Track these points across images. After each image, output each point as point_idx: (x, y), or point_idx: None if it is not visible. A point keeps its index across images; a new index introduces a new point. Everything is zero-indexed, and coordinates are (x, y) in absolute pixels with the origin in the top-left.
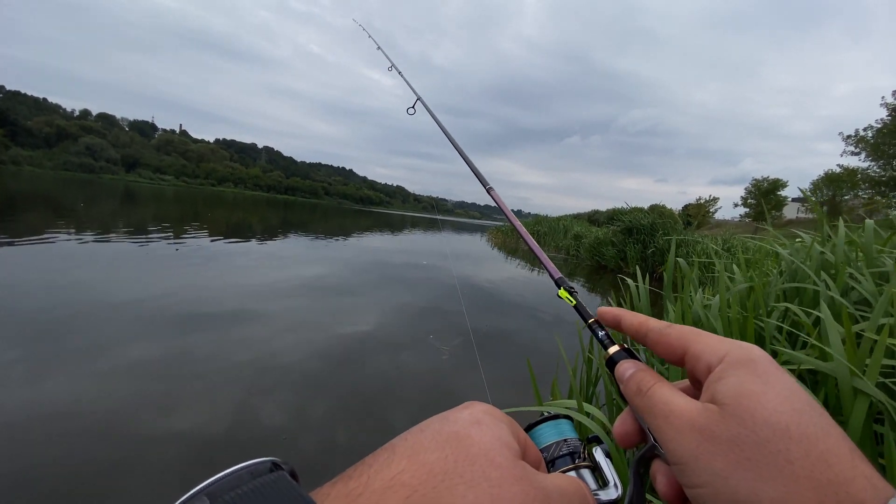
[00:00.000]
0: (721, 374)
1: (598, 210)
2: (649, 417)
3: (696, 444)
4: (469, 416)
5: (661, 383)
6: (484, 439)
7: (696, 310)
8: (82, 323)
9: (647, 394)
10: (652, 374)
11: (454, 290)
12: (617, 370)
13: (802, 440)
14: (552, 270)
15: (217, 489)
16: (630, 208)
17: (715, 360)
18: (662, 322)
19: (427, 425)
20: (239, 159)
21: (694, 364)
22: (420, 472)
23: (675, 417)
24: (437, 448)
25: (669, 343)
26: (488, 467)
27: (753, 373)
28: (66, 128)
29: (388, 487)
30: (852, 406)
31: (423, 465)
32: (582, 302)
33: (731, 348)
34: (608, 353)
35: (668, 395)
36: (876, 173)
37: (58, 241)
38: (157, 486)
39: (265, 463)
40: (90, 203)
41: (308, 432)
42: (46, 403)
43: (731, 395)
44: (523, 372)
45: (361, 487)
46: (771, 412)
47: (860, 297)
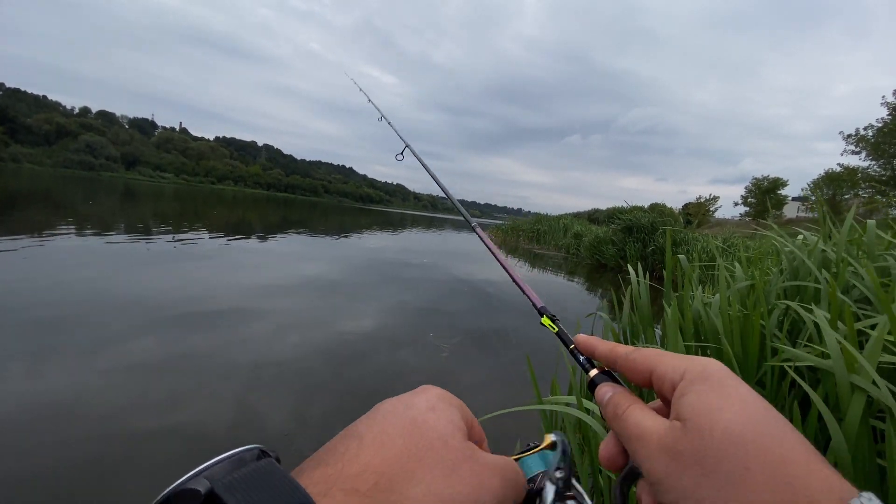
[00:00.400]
0: (682, 390)
1: (598, 209)
2: (626, 440)
3: (666, 462)
4: (425, 402)
5: (635, 405)
6: (439, 424)
7: (697, 307)
8: (82, 320)
9: (622, 417)
10: (628, 396)
11: (454, 288)
12: (597, 394)
13: (757, 447)
14: (535, 300)
15: (214, 472)
16: (630, 207)
17: (677, 378)
18: (629, 347)
19: (390, 411)
20: (239, 157)
21: (660, 385)
22: (386, 459)
23: (646, 438)
24: (399, 435)
25: (636, 367)
26: (443, 450)
27: (710, 387)
28: (65, 125)
29: (359, 474)
30: (849, 402)
31: (388, 452)
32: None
33: (689, 365)
34: (589, 377)
35: (640, 417)
36: (876, 172)
37: (58, 238)
38: (157, 484)
39: (253, 450)
40: (92, 201)
41: (308, 430)
42: (46, 401)
43: (691, 410)
44: (523, 369)
45: (337, 474)
46: (727, 423)
47: (861, 296)
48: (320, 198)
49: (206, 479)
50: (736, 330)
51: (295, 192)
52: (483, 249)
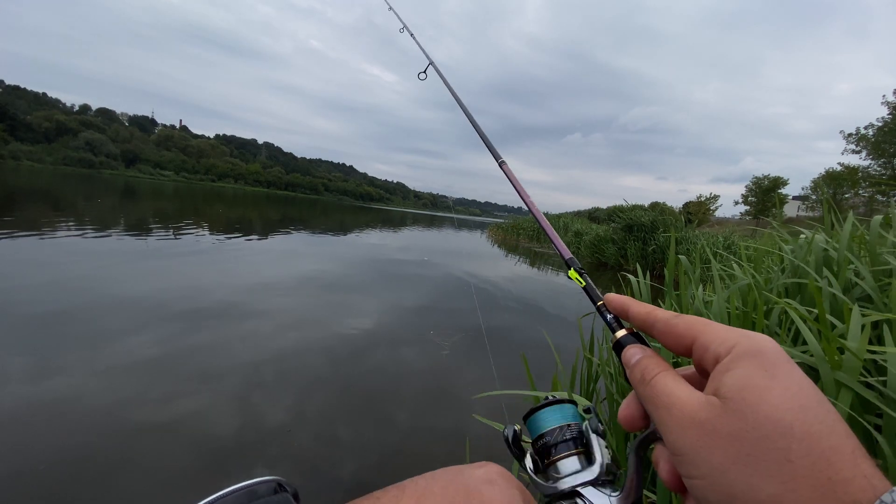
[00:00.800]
0: (728, 365)
1: (598, 207)
2: (651, 407)
3: (696, 437)
4: (483, 475)
5: (666, 372)
6: (494, 499)
7: (697, 307)
8: (82, 318)
9: (650, 382)
10: (658, 361)
11: (454, 286)
12: (624, 355)
13: (805, 438)
14: (563, 250)
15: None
16: (630, 206)
17: (723, 351)
18: (670, 312)
19: (439, 474)
20: (239, 155)
21: (702, 354)
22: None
23: (676, 409)
24: (446, 497)
25: (677, 333)
26: None
27: (761, 366)
28: (65, 123)
29: None
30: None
31: None
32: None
33: (741, 339)
34: (616, 337)
35: (672, 386)
36: (877, 171)
37: (59, 235)
38: (158, 483)
39: (269, 483)
40: (100, 199)
41: (308, 426)
42: (45, 398)
43: (735, 388)
44: (524, 368)
45: None
46: (774, 408)
47: (863, 293)
48: (321, 196)
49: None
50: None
51: (295, 191)
52: (484, 247)
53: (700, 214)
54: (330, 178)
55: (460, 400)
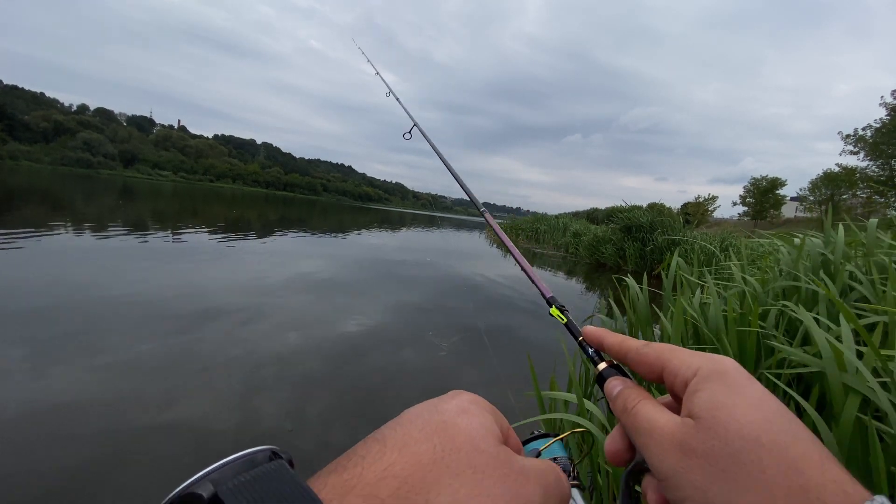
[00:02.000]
0: (695, 387)
1: (596, 208)
2: (635, 435)
3: (677, 458)
4: (456, 406)
5: (646, 400)
6: (470, 427)
7: (695, 308)
8: (82, 317)
9: (631, 411)
10: (637, 391)
11: (453, 286)
12: (605, 388)
13: (773, 448)
14: (544, 290)
15: (220, 476)
16: (629, 206)
17: (689, 375)
18: (640, 341)
19: (416, 415)
20: (237, 155)
21: (672, 380)
22: (410, 463)
23: (656, 434)
24: (426, 439)
25: (647, 362)
26: (473, 454)
27: (724, 384)
28: (63, 123)
29: (380, 479)
30: (843, 402)
31: (412, 456)
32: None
33: (703, 362)
34: (597, 370)
35: (651, 412)
36: (874, 173)
37: (58, 235)
38: (158, 481)
39: (265, 451)
40: (90, 198)
41: (308, 426)
42: (46, 398)
43: (704, 408)
44: (522, 367)
45: (356, 479)
46: (742, 423)
47: (860, 296)
48: (319, 196)
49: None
50: (732, 332)
51: (294, 191)
52: (482, 249)
53: (698, 215)
54: (329, 178)
55: None
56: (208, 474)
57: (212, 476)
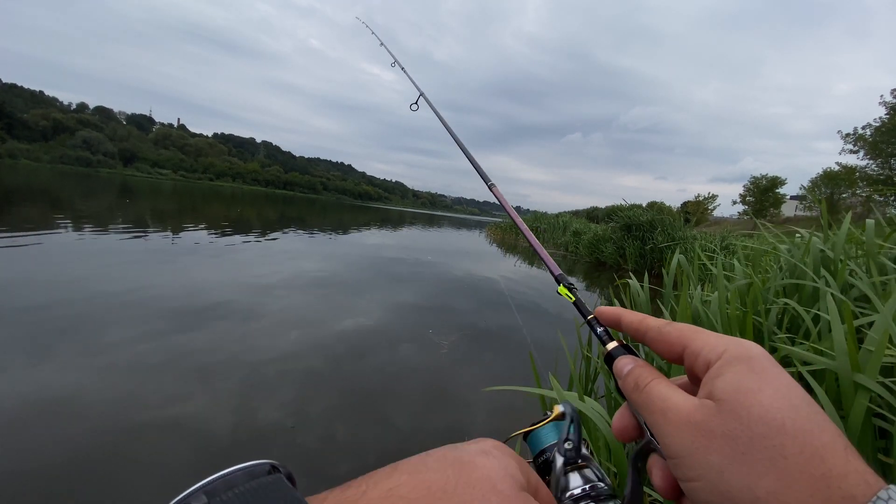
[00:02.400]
0: (719, 370)
1: (596, 207)
2: (646, 413)
3: (692, 439)
4: (477, 448)
5: (659, 379)
6: (489, 467)
7: (696, 306)
8: (81, 316)
9: (644, 390)
10: (650, 369)
11: (453, 285)
12: (615, 366)
13: (798, 436)
14: (552, 267)
15: (214, 488)
16: (629, 205)
17: (713, 357)
18: (661, 320)
19: (434, 451)
20: (237, 153)
21: (693, 361)
22: (418, 488)
23: (671, 413)
24: (440, 469)
25: (669, 341)
26: (488, 493)
27: (750, 369)
28: (63, 121)
29: (384, 498)
30: (853, 401)
31: (422, 483)
32: (581, 298)
33: (729, 345)
34: (606, 349)
35: (666, 392)
36: (874, 171)
37: (58, 234)
38: (158, 482)
39: (263, 465)
40: (89, 197)
41: (308, 426)
42: (45, 396)
43: (728, 391)
44: (522, 364)
45: (357, 496)
46: (767, 408)
47: (860, 294)
48: (319, 195)
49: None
50: (735, 328)
51: (293, 189)
52: (482, 246)
53: (698, 214)
54: (328, 176)
55: (459, 398)
56: (203, 487)
57: (207, 488)
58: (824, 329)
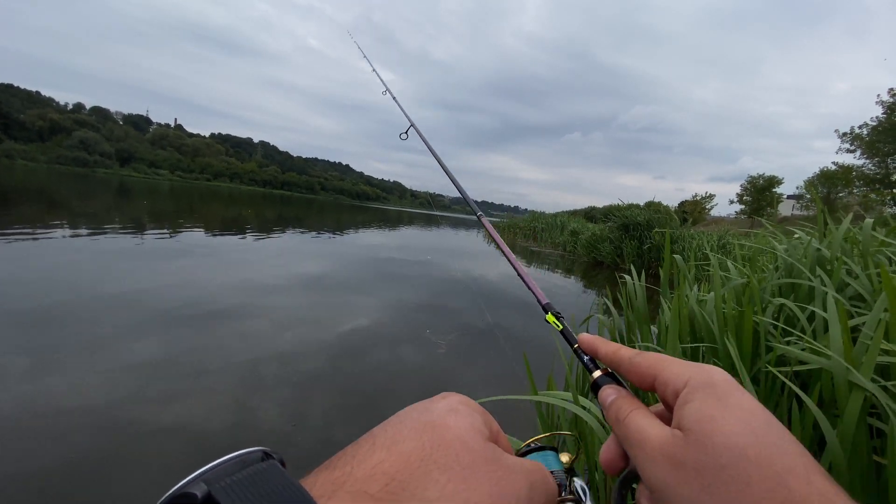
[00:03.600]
0: (685, 398)
1: (594, 206)
2: (626, 444)
3: (667, 471)
4: (445, 406)
5: (637, 410)
6: (458, 426)
7: (692, 306)
8: (80, 318)
9: (623, 422)
10: (630, 400)
11: (450, 285)
12: (599, 396)
13: (759, 461)
14: (539, 296)
15: (213, 476)
16: (626, 205)
17: (680, 386)
18: (633, 350)
19: (406, 415)
20: (234, 153)
21: (663, 390)
22: (398, 461)
23: (647, 445)
24: (415, 437)
25: (639, 372)
26: (461, 450)
27: (713, 395)
28: (59, 121)
29: (370, 476)
30: (847, 400)
31: (401, 455)
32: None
33: (693, 373)
34: (592, 378)
35: (643, 423)
36: (871, 170)
37: (54, 235)
38: (156, 483)
39: (256, 452)
40: (85, 197)
41: (307, 426)
42: (43, 398)
43: (692, 420)
44: (519, 364)
45: (345, 476)
46: (728, 435)
47: (855, 293)
48: (317, 195)
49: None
50: (731, 327)
51: (291, 189)
52: (481, 248)
53: (695, 213)
54: (326, 176)
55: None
56: (202, 475)
57: (205, 476)
58: (818, 328)
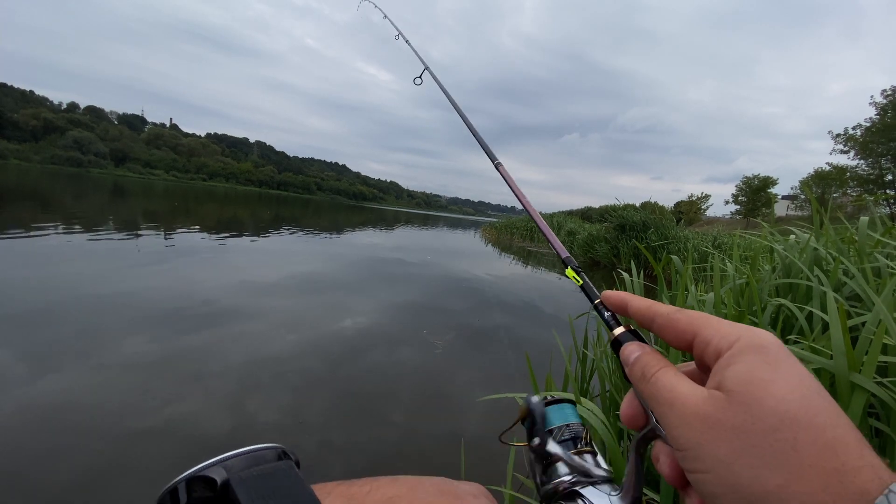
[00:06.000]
0: (730, 360)
1: (590, 207)
2: (654, 404)
3: (700, 431)
4: (470, 489)
5: (667, 368)
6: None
7: (691, 304)
8: (73, 319)
9: (651, 379)
10: (657, 357)
11: (448, 285)
12: (622, 352)
13: (810, 428)
14: (560, 250)
15: (233, 464)
16: (622, 205)
17: (725, 346)
18: (671, 307)
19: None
20: (230, 154)
21: (703, 349)
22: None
23: (679, 404)
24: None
25: (678, 328)
26: None
27: (764, 360)
28: (53, 121)
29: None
30: (849, 401)
31: (420, 499)
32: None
33: (743, 334)
34: (613, 335)
35: (673, 381)
36: (864, 171)
37: (49, 235)
38: (152, 485)
39: (276, 449)
40: (80, 197)
41: (304, 429)
42: (37, 401)
43: (739, 381)
44: (517, 364)
45: (361, 496)
46: (779, 400)
47: (852, 293)
48: (313, 195)
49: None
50: None
51: (287, 190)
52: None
53: (691, 214)
54: (322, 177)
55: (454, 399)
56: (222, 461)
57: (225, 463)
58: (816, 327)
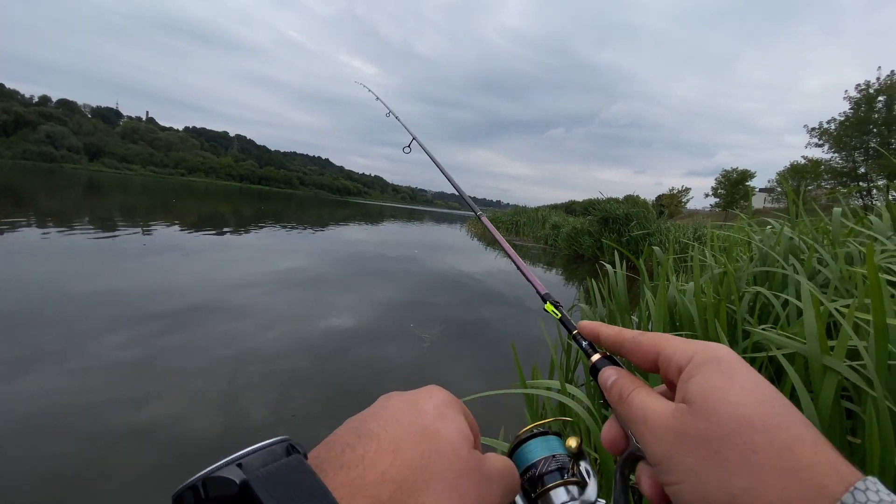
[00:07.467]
0: (689, 373)
1: (574, 200)
2: (630, 422)
3: (671, 443)
4: (434, 409)
5: (640, 388)
6: (450, 434)
7: (672, 294)
8: (58, 318)
9: (626, 399)
10: (632, 379)
11: (434, 280)
12: (600, 378)
13: (766, 430)
14: (538, 287)
15: (248, 462)
16: (605, 199)
17: (684, 361)
18: (635, 332)
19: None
20: (210, 148)
21: (666, 367)
22: (403, 468)
23: (651, 420)
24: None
25: (642, 349)
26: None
27: (718, 370)
28: (24, 115)
29: (380, 482)
30: (821, 384)
31: (405, 462)
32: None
33: (698, 349)
34: (591, 362)
35: (646, 400)
36: (838, 164)
37: (20, 231)
38: (148, 486)
39: (284, 443)
40: (56, 193)
41: (294, 423)
42: (22, 403)
43: (698, 392)
44: (504, 356)
45: (360, 480)
46: (735, 405)
47: (825, 280)
48: (296, 190)
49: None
50: (710, 315)
51: (269, 184)
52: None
53: (672, 207)
54: (305, 171)
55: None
56: (236, 460)
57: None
58: (791, 314)
